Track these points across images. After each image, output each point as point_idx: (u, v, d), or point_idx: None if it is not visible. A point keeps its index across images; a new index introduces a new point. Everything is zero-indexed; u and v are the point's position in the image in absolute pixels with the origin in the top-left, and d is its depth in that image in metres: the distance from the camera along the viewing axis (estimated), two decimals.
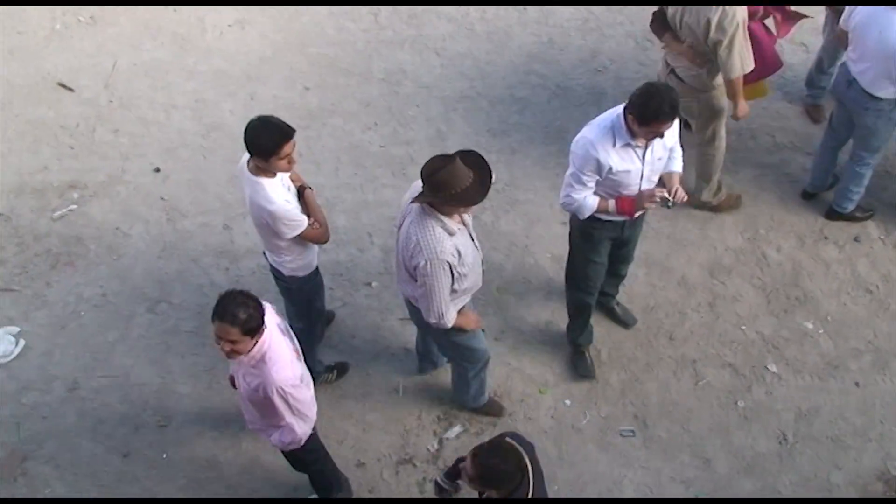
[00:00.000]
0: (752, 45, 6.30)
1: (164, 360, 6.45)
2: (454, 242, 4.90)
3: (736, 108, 6.48)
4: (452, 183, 4.71)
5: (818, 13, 7.45)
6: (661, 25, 6.44)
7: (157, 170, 7.46)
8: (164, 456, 6.05)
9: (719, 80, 6.36)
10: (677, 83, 6.46)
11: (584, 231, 5.77)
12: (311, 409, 4.99)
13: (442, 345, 5.80)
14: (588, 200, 5.47)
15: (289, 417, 4.84)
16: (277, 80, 8.02)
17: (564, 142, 7.44)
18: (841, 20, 6.43)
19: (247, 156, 5.16)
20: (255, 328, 4.50)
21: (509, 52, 8.19)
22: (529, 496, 4.22)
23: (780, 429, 6.13)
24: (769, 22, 6.67)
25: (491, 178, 4.87)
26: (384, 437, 6.14)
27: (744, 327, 6.59)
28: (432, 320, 5.10)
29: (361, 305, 6.73)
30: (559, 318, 6.61)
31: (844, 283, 6.78)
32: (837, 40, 6.71)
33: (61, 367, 6.42)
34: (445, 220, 4.86)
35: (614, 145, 5.26)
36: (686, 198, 5.50)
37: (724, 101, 6.56)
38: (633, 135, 5.21)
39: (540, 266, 6.89)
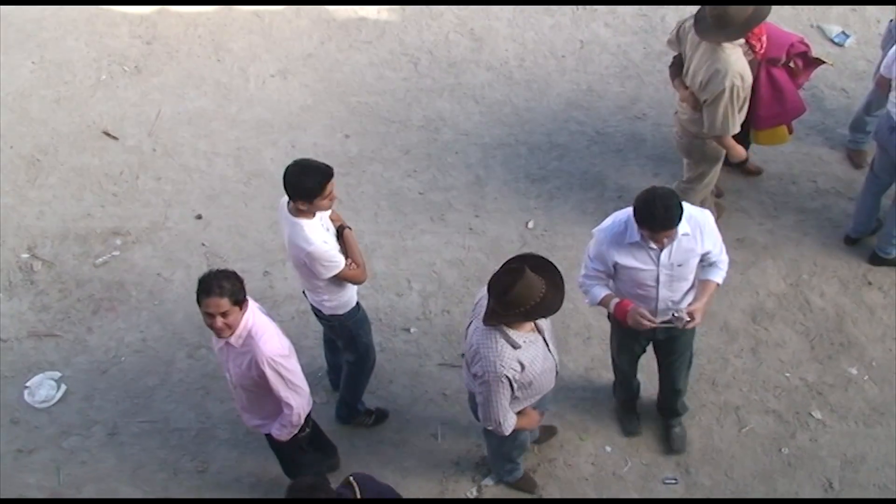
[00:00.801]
0: (774, 89, 6.39)
1: (203, 405, 6.47)
2: (517, 356, 4.78)
3: (729, 154, 6.49)
4: (528, 297, 4.62)
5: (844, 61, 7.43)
6: (675, 70, 6.51)
7: (199, 216, 7.53)
8: None
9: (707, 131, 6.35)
10: (678, 123, 6.57)
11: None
12: (304, 382, 5.06)
13: (493, 445, 5.67)
14: (594, 290, 5.34)
15: (284, 391, 4.94)
16: (318, 129, 8.10)
17: (603, 187, 7.51)
18: (882, 66, 6.39)
19: (286, 198, 5.21)
20: (242, 299, 4.77)
21: (548, 99, 8.22)
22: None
23: (826, 476, 6.01)
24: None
25: (562, 278, 4.79)
26: (422, 483, 6.10)
27: (787, 373, 6.49)
28: (490, 427, 5.01)
29: (399, 351, 6.72)
30: (599, 364, 6.56)
31: (889, 329, 6.67)
32: (878, 87, 6.65)
33: (101, 411, 6.46)
34: (511, 332, 4.77)
35: (625, 241, 5.11)
36: (696, 323, 5.24)
37: (719, 152, 6.53)
38: (643, 235, 5.05)
39: (579, 311, 6.84)
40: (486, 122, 8.08)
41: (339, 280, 5.43)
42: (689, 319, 5.18)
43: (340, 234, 5.52)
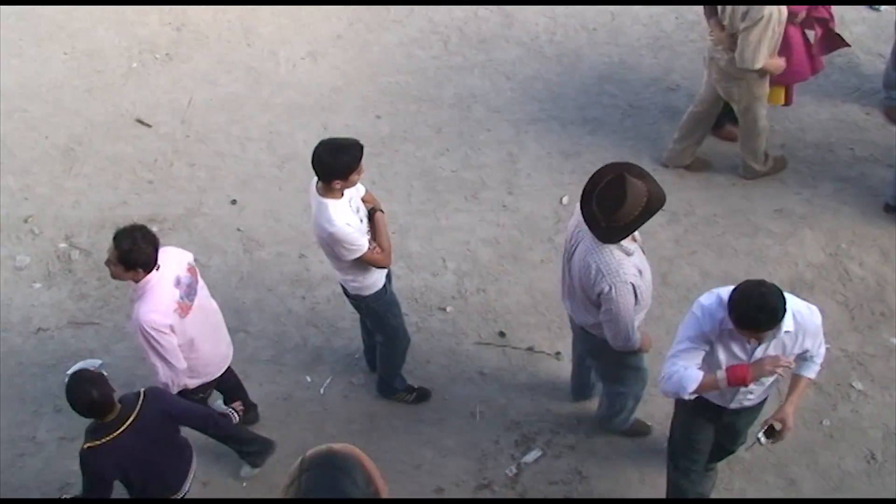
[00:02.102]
0: (784, 47, 6.44)
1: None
2: (633, 262, 4.84)
3: (771, 70, 6.49)
4: (640, 199, 4.67)
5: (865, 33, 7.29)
6: (710, 10, 6.54)
7: (234, 202, 7.56)
8: (244, 485, 6.08)
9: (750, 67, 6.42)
10: (717, 70, 6.59)
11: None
12: (178, 360, 5.18)
13: (609, 371, 5.61)
14: (689, 372, 4.58)
15: (152, 357, 5.14)
16: (349, 110, 8.09)
17: (638, 160, 7.38)
18: None
19: (315, 179, 5.21)
20: (133, 263, 4.93)
21: (580, 73, 8.15)
22: None
23: (869, 448, 5.93)
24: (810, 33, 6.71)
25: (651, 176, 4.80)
26: (462, 461, 6.09)
27: (827, 345, 6.35)
28: (620, 343, 5.01)
29: (436, 330, 6.71)
30: None
31: None
32: None
33: None
34: (622, 241, 4.81)
35: (722, 326, 4.50)
36: (789, 431, 4.78)
37: (761, 88, 6.61)
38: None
39: None
40: (517, 98, 8.03)
41: (363, 263, 5.42)
42: (780, 428, 4.76)
43: (371, 216, 5.52)
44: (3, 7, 9.01)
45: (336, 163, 5.08)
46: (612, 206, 4.64)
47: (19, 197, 7.62)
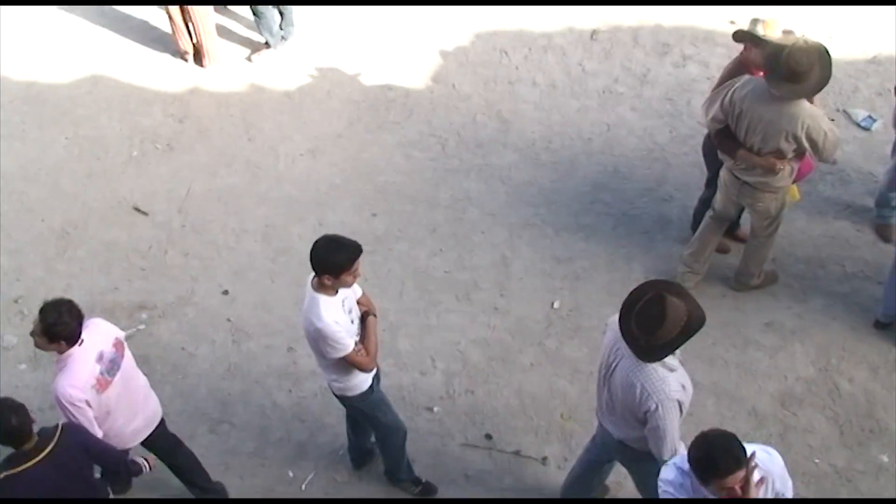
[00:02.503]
0: None
1: (223, 481, 6.39)
2: (677, 378, 4.84)
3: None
4: (679, 318, 4.67)
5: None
6: (732, 142, 6.49)
7: (226, 292, 7.56)
8: None
9: (788, 178, 6.53)
10: (752, 192, 6.60)
11: None
12: (94, 429, 5.30)
13: (649, 476, 5.41)
14: None
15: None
16: (346, 207, 8.15)
17: (630, 269, 7.50)
18: None
19: (312, 274, 5.23)
20: (56, 336, 5.15)
21: (574, 180, 8.25)
22: None
23: None
24: None
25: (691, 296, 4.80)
26: None
27: (816, 460, 6.37)
28: (667, 456, 4.95)
29: (422, 430, 6.65)
30: None
31: None
32: None
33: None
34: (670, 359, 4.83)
35: (696, 495, 4.48)
36: None
37: (788, 196, 6.74)
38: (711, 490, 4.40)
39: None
40: (512, 202, 8.11)
41: (346, 363, 5.40)
42: None
43: (364, 318, 5.52)
44: (8, 89, 9.13)
45: (329, 259, 5.13)
46: (652, 325, 4.66)
47: (11, 277, 7.61)
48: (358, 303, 5.55)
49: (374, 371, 5.69)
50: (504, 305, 7.37)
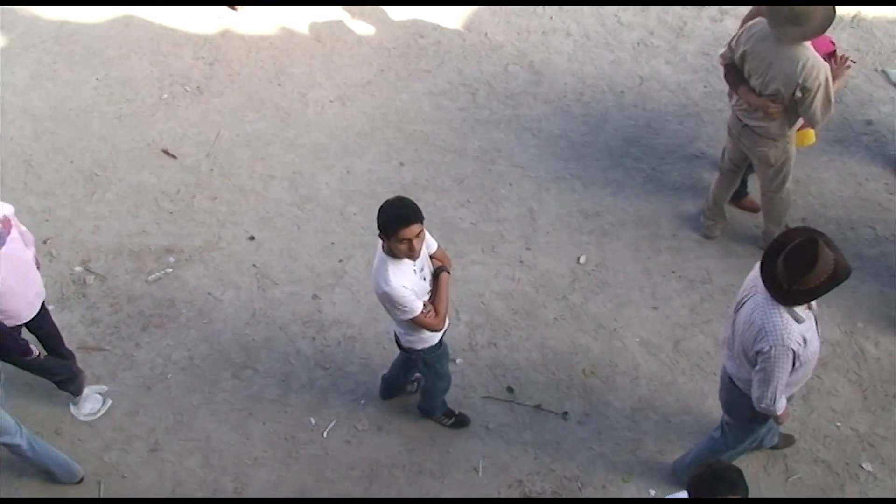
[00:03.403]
0: None
1: (245, 426, 6.47)
2: (801, 330, 4.82)
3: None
4: (826, 270, 4.66)
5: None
6: (736, 77, 6.49)
7: (252, 238, 7.57)
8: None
9: (793, 128, 6.48)
10: (752, 136, 6.56)
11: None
12: None
13: (734, 427, 5.55)
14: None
15: None
16: (373, 155, 8.12)
17: (658, 226, 7.42)
18: None
19: None
20: None
21: (605, 134, 8.17)
22: None
23: None
24: None
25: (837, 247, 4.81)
26: None
27: (838, 423, 6.34)
28: (763, 404, 4.98)
29: None
30: (646, 405, 6.47)
31: None
32: None
33: (144, 427, 6.49)
34: (797, 310, 4.82)
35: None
36: None
37: (793, 148, 6.65)
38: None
39: (628, 350, 6.76)
40: (541, 154, 8.05)
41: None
42: None
43: (437, 276, 5.47)
44: (39, 30, 9.12)
45: (379, 219, 5.04)
46: (801, 269, 4.64)
47: (40, 218, 7.66)
48: (432, 257, 5.48)
49: (447, 324, 5.68)
50: (529, 259, 7.34)
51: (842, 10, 8.78)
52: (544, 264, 7.30)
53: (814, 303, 4.94)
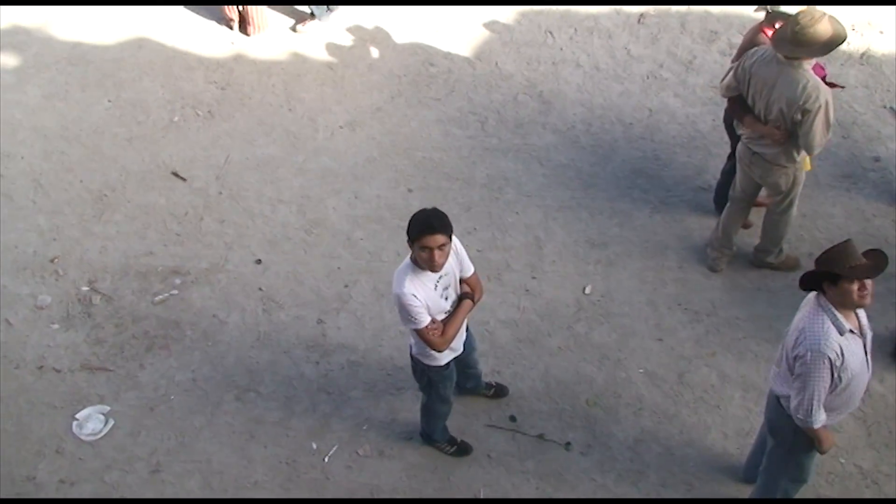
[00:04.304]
0: None
1: (246, 449, 6.45)
2: (841, 341, 4.84)
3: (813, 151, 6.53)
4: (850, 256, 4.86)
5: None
6: (741, 108, 6.61)
7: (259, 261, 7.59)
8: None
9: (802, 153, 6.56)
10: (762, 163, 6.66)
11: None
12: None
13: (776, 454, 5.52)
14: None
15: None
16: (382, 181, 8.14)
17: (664, 257, 7.42)
18: None
19: None
20: None
21: (613, 165, 8.19)
22: None
23: None
24: None
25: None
26: None
27: (842, 459, 6.30)
28: (801, 415, 4.96)
29: None
30: (648, 437, 6.43)
31: None
32: None
33: (146, 448, 6.48)
34: (840, 316, 4.86)
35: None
36: None
37: (803, 175, 6.77)
38: None
39: (632, 381, 6.74)
40: (549, 184, 8.06)
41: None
42: None
43: (460, 300, 5.50)
44: (54, 50, 9.20)
45: (409, 223, 5.11)
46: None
47: (48, 237, 7.69)
48: (464, 282, 5.54)
49: (459, 351, 5.73)
50: (535, 287, 7.34)
51: (851, 48, 8.82)
52: (550, 293, 7.29)
53: (865, 321, 5.00)
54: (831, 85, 6.61)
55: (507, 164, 8.24)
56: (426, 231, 5.03)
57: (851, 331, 4.88)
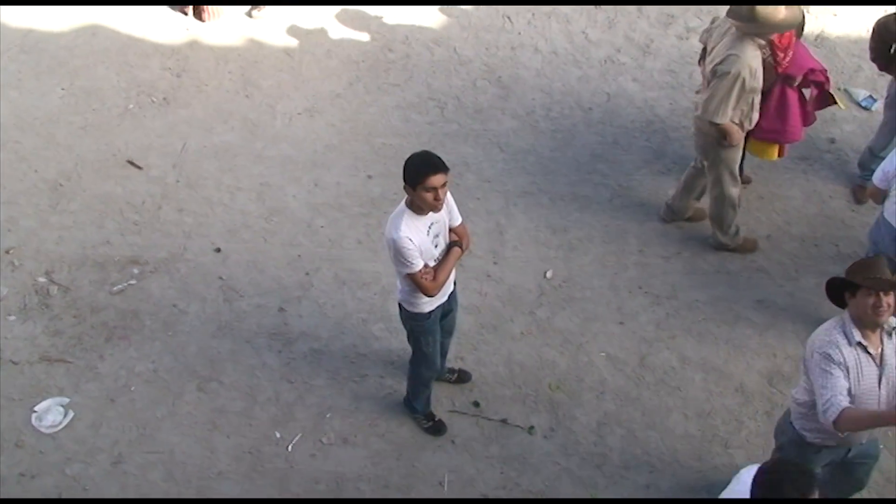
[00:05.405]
0: (781, 106, 6.78)
1: (209, 439, 6.41)
2: (846, 351, 4.83)
3: (728, 137, 6.64)
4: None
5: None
6: (701, 57, 6.94)
7: (218, 250, 7.52)
8: None
9: (731, 129, 6.66)
10: (695, 122, 6.89)
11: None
12: None
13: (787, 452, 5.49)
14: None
15: None
16: (342, 168, 8.11)
17: (624, 242, 7.47)
18: (878, 178, 6.23)
19: None
20: None
21: (573, 150, 8.21)
22: None
23: None
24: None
25: None
26: None
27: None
28: (822, 418, 4.87)
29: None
30: (612, 420, 6.48)
31: None
32: (871, 196, 6.52)
33: (107, 440, 6.41)
34: (854, 330, 4.85)
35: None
36: None
37: (729, 153, 6.82)
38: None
39: (594, 365, 6.78)
40: (509, 169, 8.07)
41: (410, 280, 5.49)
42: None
43: (449, 248, 5.61)
44: (5, 38, 9.05)
45: (406, 167, 5.27)
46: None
47: (4, 228, 7.57)
48: (452, 230, 5.63)
49: (443, 301, 5.81)
50: (497, 273, 7.35)
51: (806, 30, 8.88)
52: (511, 279, 7.31)
53: (889, 359, 4.92)
54: (829, 98, 6.72)
55: (468, 149, 8.24)
56: (430, 171, 5.18)
57: (861, 344, 4.85)
